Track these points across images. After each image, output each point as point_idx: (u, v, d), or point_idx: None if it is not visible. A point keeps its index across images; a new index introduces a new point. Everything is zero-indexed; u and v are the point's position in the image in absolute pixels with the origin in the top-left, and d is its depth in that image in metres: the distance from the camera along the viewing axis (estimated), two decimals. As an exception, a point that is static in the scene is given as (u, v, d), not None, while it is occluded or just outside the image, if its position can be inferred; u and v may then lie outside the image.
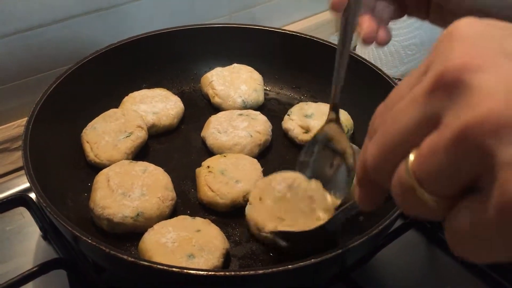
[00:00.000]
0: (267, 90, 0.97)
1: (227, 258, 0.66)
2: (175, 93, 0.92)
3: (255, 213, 0.68)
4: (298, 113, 0.86)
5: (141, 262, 0.54)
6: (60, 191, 0.72)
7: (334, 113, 0.68)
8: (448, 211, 0.29)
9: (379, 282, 0.72)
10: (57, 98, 0.77)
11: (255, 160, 0.78)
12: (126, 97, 0.88)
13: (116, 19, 0.92)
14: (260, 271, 0.54)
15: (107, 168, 0.73)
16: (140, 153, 0.81)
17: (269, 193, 0.69)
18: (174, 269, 0.53)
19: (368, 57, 1.12)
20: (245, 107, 0.90)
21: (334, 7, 0.63)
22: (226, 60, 0.96)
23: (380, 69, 0.85)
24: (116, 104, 0.87)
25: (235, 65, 0.95)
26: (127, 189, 0.70)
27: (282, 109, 0.92)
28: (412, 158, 0.29)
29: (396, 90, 0.33)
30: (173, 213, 0.72)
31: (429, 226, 0.77)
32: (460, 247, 0.29)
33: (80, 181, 0.76)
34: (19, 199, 0.75)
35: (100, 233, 0.69)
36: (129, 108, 0.84)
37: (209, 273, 0.54)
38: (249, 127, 0.82)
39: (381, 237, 0.65)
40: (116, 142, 0.78)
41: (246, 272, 0.54)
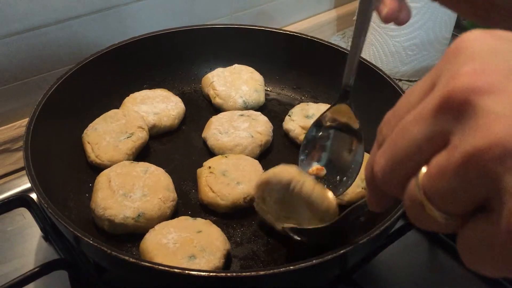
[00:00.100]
0: (268, 91, 0.97)
1: (228, 259, 0.66)
2: (176, 94, 0.92)
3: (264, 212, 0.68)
4: (299, 114, 0.86)
5: (143, 263, 0.54)
6: (61, 192, 0.72)
7: (345, 95, 0.67)
8: (458, 227, 0.30)
9: (380, 283, 0.72)
10: (58, 99, 0.77)
11: (256, 162, 0.78)
12: (127, 98, 0.88)
13: (117, 20, 0.92)
14: (262, 272, 0.54)
15: (108, 169, 0.73)
16: (141, 154, 0.81)
17: (269, 194, 0.69)
18: (176, 270, 0.53)
19: (369, 58, 1.12)
20: (246, 108, 0.90)
21: None
22: (227, 61, 0.96)
23: (381, 69, 0.85)
24: (117, 105, 0.87)
25: (236, 66, 0.95)
26: (128, 190, 0.70)
27: (283, 110, 0.92)
28: (422, 175, 0.30)
29: (404, 99, 0.33)
30: (174, 214, 0.72)
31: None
32: (471, 262, 0.30)
33: (81, 182, 0.76)
34: (20, 200, 0.75)
35: (101, 234, 0.69)
36: (130, 109, 0.84)
37: (211, 274, 0.54)
38: (250, 128, 0.82)
39: (383, 238, 0.65)
40: (117, 143, 0.78)
41: (248, 273, 0.54)
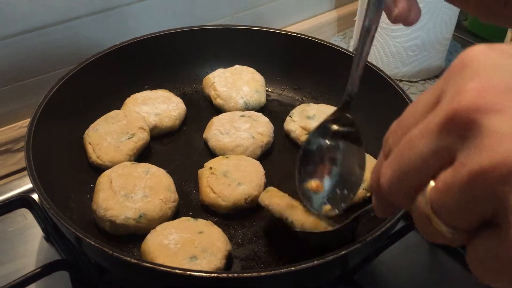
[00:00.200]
0: (269, 91, 0.97)
1: (230, 260, 0.66)
2: (177, 94, 0.92)
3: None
4: (300, 115, 0.86)
5: (144, 264, 0.54)
6: (63, 193, 0.72)
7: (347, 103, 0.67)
8: (465, 241, 0.30)
9: (381, 284, 0.72)
10: (60, 99, 0.77)
11: (258, 162, 0.78)
12: (128, 99, 0.88)
13: (118, 21, 0.92)
14: (263, 273, 0.54)
15: (110, 170, 0.73)
16: (142, 155, 0.81)
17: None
18: (177, 271, 0.53)
19: (370, 58, 1.11)
20: (247, 108, 0.90)
21: None
22: (228, 61, 0.96)
23: (382, 70, 0.85)
24: (118, 106, 0.87)
25: (237, 66, 0.95)
26: (130, 191, 0.70)
27: (284, 111, 0.92)
28: (430, 189, 0.30)
29: (410, 110, 0.34)
30: (176, 215, 0.72)
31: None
32: (482, 275, 0.30)
33: (83, 183, 0.76)
34: (22, 201, 0.75)
35: (103, 235, 0.69)
36: (131, 110, 0.84)
37: (212, 275, 0.54)
38: (251, 129, 0.82)
39: (383, 239, 0.65)
40: (118, 144, 0.78)
41: (249, 274, 0.54)
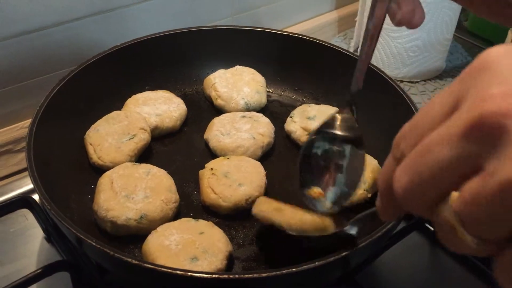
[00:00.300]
0: (270, 92, 0.97)
1: (231, 261, 0.66)
2: (178, 95, 0.92)
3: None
4: (301, 115, 0.86)
5: (145, 265, 0.54)
6: (64, 193, 0.72)
7: (350, 103, 0.66)
8: (492, 252, 0.29)
9: (382, 284, 0.72)
10: (61, 100, 0.77)
11: (259, 163, 0.78)
12: (129, 99, 0.88)
13: (119, 21, 0.92)
14: (264, 274, 0.54)
15: (111, 170, 0.73)
16: (143, 155, 0.81)
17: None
18: (178, 272, 0.53)
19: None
20: (248, 109, 0.90)
21: None
22: (229, 62, 0.96)
23: (383, 71, 0.85)
24: (119, 106, 0.87)
25: (238, 67, 0.95)
26: (131, 192, 0.70)
27: (285, 111, 0.92)
28: (455, 199, 0.29)
29: (424, 114, 0.32)
30: (177, 216, 0.72)
31: (432, 229, 0.77)
32: (509, 286, 0.29)
33: (84, 183, 0.76)
34: (23, 201, 0.75)
35: (104, 235, 0.69)
36: (132, 110, 0.84)
37: (213, 276, 0.54)
38: (252, 129, 0.82)
39: (385, 240, 0.65)
40: (119, 145, 0.78)
41: (250, 275, 0.54)
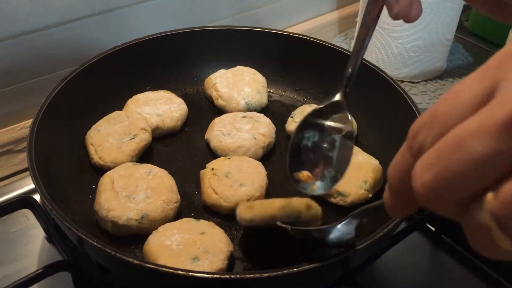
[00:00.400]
0: (271, 92, 0.97)
1: (232, 261, 0.66)
2: (179, 95, 0.92)
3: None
4: (302, 116, 0.86)
5: (146, 265, 0.54)
6: (65, 193, 0.72)
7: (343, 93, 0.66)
8: None
9: (383, 284, 0.72)
10: (62, 100, 0.77)
11: (259, 163, 0.78)
12: (130, 99, 0.88)
13: (120, 21, 0.92)
14: (265, 274, 0.54)
15: (112, 171, 0.73)
16: (144, 156, 0.81)
17: None
18: (180, 272, 0.53)
19: (371, 59, 1.12)
20: (249, 109, 0.90)
21: None
22: (230, 62, 0.96)
23: (384, 71, 0.85)
24: (120, 106, 0.87)
25: (239, 67, 0.95)
26: (132, 192, 0.70)
27: (286, 111, 0.92)
28: (491, 199, 0.26)
29: (451, 102, 0.29)
30: (178, 216, 0.72)
31: (433, 229, 0.77)
32: None
33: (85, 183, 0.76)
34: (23, 201, 0.75)
35: (105, 235, 0.69)
36: (133, 110, 0.84)
37: (214, 276, 0.54)
38: (253, 130, 0.82)
39: (386, 240, 0.65)
40: (120, 145, 0.78)
41: (251, 275, 0.54)
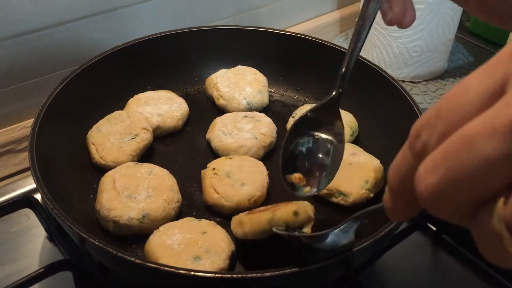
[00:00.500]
0: (272, 92, 0.97)
1: (233, 260, 0.66)
2: (180, 95, 0.92)
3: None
4: (302, 115, 0.86)
5: (148, 264, 0.54)
6: (66, 193, 0.72)
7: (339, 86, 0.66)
8: None
9: (384, 284, 0.72)
10: (63, 100, 0.77)
11: (261, 163, 0.78)
12: (131, 99, 0.88)
13: (121, 21, 0.92)
14: (267, 274, 0.54)
15: (113, 170, 0.73)
16: (145, 155, 0.81)
17: None
18: (181, 271, 0.53)
19: (372, 59, 1.12)
20: (250, 109, 0.90)
21: None
22: (231, 62, 0.96)
23: (385, 71, 0.85)
24: (121, 106, 0.87)
25: (240, 67, 0.95)
26: (133, 191, 0.70)
27: (287, 111, 0.92)
28: (502, 205, 0.25)
29: (457, 99, 0.27)
30: (179, 215, 0.72)
31: (434, 229, 0.77)
32: None
33: (86, 183, 0.76)
34: (25, 201, 0.75)
35: (106, 235, 0.69)
36: (134, 110, 0.84)
37: (216, 275, 0.54)
38: (254, 129, 0.82)
39: (387, 240, 0.65)
40: (122, 144, 0.78)
41: (253, 275, 0.54)
